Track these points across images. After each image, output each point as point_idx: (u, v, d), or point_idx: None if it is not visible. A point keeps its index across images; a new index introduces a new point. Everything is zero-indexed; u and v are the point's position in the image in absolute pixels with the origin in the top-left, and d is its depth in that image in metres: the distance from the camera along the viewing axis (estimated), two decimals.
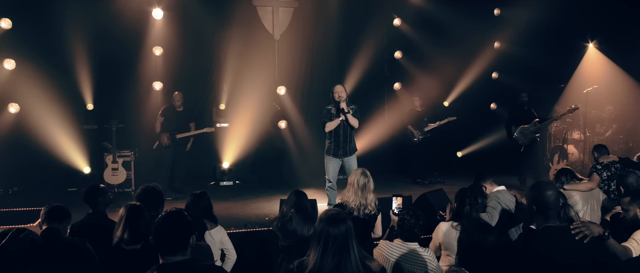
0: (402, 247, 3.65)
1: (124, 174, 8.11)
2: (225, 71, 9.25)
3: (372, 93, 10.19)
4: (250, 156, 9.48)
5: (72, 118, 8.43)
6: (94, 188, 4.28)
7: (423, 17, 10.01)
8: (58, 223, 3.53)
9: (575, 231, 2.97)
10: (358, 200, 4.57)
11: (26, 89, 8.11)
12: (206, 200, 4.40)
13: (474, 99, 10.35)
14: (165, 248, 2.48)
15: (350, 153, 6.66)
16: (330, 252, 2.73)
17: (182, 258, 2.47)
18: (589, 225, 3.03)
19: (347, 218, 2.85)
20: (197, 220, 4.19)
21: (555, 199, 3.01)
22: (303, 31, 9.82)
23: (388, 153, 10.09)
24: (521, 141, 8.75)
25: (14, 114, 8.17)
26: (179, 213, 2.54)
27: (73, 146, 8.38)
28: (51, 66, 8.22)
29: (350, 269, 2.72)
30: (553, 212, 3.01)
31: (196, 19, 9.00)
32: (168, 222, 2.47)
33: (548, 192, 3.01)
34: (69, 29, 8.19)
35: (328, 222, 2.79)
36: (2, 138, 8.09)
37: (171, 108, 8.20)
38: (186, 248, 2.49)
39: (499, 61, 10.52)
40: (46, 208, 3.61)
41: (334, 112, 6.59)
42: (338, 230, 2.76)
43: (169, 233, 2.45)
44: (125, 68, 8.69)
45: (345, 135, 6.55)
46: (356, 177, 4.63)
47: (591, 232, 2.98)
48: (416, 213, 3.67)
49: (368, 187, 4.60)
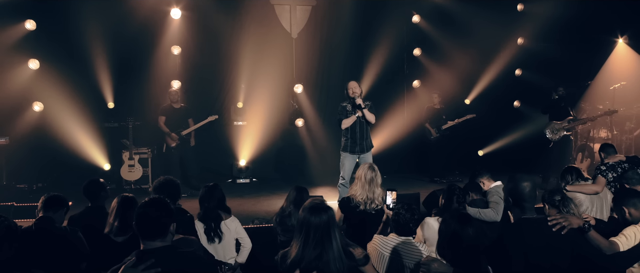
0: (397, 241, 3.60)
1: (140, 171, 8.26)
2: (243, 70, 9.32)
3: (391, 90, 10.08)
4: (267, 154, 9.53)
5: (93, 116, 8.67)
6: (95, 182, 4.37)
7: (443, 13, 9.86)
8: (53, 212, 3.62)
9: (553, 223, 2.86)
10: (365, 194, 4.59)
11: (50, 88, 8.38)
12: (219, 191, 4.45)
13: (495, 96, 10.12)
14: (144, 234, 2.51)
15: (367, 150, 6.62)
16: (312, 241, 2.74)
17: (162, 244, 2.49)
18: (568, 217, 2.92)
19: (329, 208, 2.85)
20: (212, 211, 4.30)
21: (531, 191, 2.94)
22: (321, 29, 9.82)
23: (406, 151, 9.98)
24: (550, 137, 8.48)
25: (38, 112, 8.44)
26: (160, 200, 2.57)
27: (94, 143, 8.62)
28: (73, 66, 8.48)
29: (332, 257, 2.72)
30: (529, 204, 2.93)
31: (214, 19, 9.11)
32: (148, 208, 2.50)
33: (523, 184, 2.93)
34: (90, 29, 8.42)
35: (310, 212, 2.79)
36: (27, 136, 8.37)
37: (169, 106, 8.29)
38: (166, 235, 2.51)
39: (522, 58, 10.26)
40: (43, 197, 3.71)
41: (349, 108, 6.56)
42: (319, 220, 2.76)
43: (148, 219, 2.48)
44: (144, 67, 8.86)
45: (362, 131, 6.52)
46: (363, 171, 4.64)
47: (570, 224, 2.86)
48: (411, 208, 3.62)
49: (375, 181, 4.61)
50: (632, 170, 4.52)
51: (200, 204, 4.32)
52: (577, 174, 5.20)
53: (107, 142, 8.71)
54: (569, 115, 8.40)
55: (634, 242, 3.32)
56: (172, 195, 4.01)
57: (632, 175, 4.37)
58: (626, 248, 3.30)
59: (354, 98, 6.41)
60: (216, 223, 4.25)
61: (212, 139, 9.25)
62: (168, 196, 3.74)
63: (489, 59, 10.09)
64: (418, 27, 10.08)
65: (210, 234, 4.19)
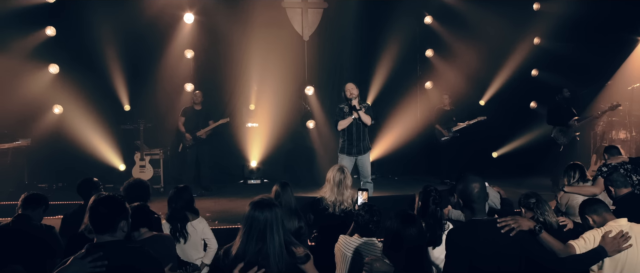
0: (359, 242, 3.65)
1: (151, 171, 8.51)
2: (255, 72, 9.47)
3: (404, 92, 10.02)
4: (278, 155, 9.67)
5: (109, 118, 8.99)
6: (88, 182, 4.57)
7: (455, 14, 9.75)
8: (31, 210, 3.82)
9: (502, 225, 2.82)
10: (334, 196, 4.64)
11: (69, 92, 8.72)
12: (188, 194, 4.58)
13: (510, 97, 9.94)
14: (95, 228, 2.66)
15: (364, 152, 6.66)
16: (254, 236, 2.79)
17: (111, 238, 2.63)
18: (519, 219, 2.87)
19: (275, 205, 2.89)
20: (179, 212, 4.42)
21: (479, 192, 2.90)
22: (332, 31, 9.87)
23: (418, 152, 9.93)
24: (561, 140, 8.32)
25: (58, 115, 8.81)
26: (111, 198, 2.71)
27: (110, 145, 8.92)
28: (90, 70, 8.81)
29: (271, 252, 2.76)
30: (479, 205, 2.89)
31: (226, 22, 9.30)
32: (98, 204, 2.65)
33: (472, 185, 2.90)
34: (106, 35, 8.73)
35: (255, 207, 2.85)
36: (47, 137, 8.74)
37: (190, 107, 8.51)
38: (115, 230, 2.64)
39: (537, 57, 10.03)
40: (23, 195, 3.91)
41: (346, 110, 6.64)
42: (263, 215, 2.81)
43: (98, 214, 2.62)
44: (157, 70, 9.11)
45: (359, 133, 6.58)
46: (333, 173, 4.70)
47: (519, 226, 2.82)
48: (372, 209, 3.65)
49: (344, 184, 4.65)
50: (617, 172, 4.38)
51: (168, 205, 4.45)
52: (580, 172, 5.10)
53: (122, 143, 9.01)
54: (573, 115, 8.22)
55: (592, 245, 3.28)
56: (140, 196, 4.19)
57: (617, 178, 4.25)
58: (583, 251, 3.26)
59: (351, 99, 6.45)
60: (182, 224, 4.36)
61: (225, 141, 9.42)
62: (137, 197, 3.91)
63: (502, 60, 9.91)
64: (430, 28, 10.01)
65: (176, 234, 4.30)
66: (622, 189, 4.21)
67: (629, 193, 4.21)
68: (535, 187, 7.80)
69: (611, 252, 3.21)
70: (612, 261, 3.27)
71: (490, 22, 9.60)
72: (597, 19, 9.33)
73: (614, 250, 3.21)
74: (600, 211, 3.46)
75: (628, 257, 3.27)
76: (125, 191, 4.35)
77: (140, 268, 2.61)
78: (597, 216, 3.46)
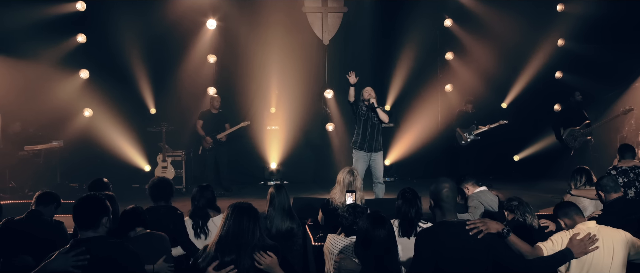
0: (345, 242, 3.76)
1: (173, 172, 8.84)
2: (275, 76, 9.68)
3: (424, 94, 10.04)
4: (298, 157, 9.85)
5: (136, 121, 9.38)
6: (98, 182, 4.86)
7: (475, 16, 9.73)
8: (43, 207, 4.12)
9: (470, 226, 2.89)
10: (343, 197, 4.76)
11: (98, 96, 9.17)
12: (210, 192, 4.82)
13: (532, 99, 9.82)
14: (78, 224, 2.90)
15: (375, 150, 6.94)
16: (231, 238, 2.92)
17: (94, 234, 2.85)
18: (487, 221, 2.94)
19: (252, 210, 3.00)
20: (201, 209, 4.68)
21: (448, 192, 2.98)
22: (352, 35, 9.99)
23: (438, 155, 9.92)
24: (571, 144, 8.19)
25: (88, 118, 9.26)
26: (93, 196, 2.93)
27: (137, 146, 9.31)
28: (118, 74, 9.21)
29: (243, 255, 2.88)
30: (448, 206, 2.97)
31: (247, 27, 9.58)
32: (80, 203, 2.87)
33: (442, 185, 3.00)
34: (132, 41, 9.12)
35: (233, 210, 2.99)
36: (78, 139, 9.18)
37: (208, 111, 8.79)
38: (97, 227, 2.85)
39: (561, 59, 9.87)
40: (37, 193, 4.21)
41: (364, 109, 6.94)
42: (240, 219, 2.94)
43: (80, 212, 2.85)
44: (181, 74, 9.46)
45: (373, 132, 6.90)
46: (343, 175, 4.87)
47: (487, 228, 2.88)
48: (355, 211, 3.77)
49: (354, 185, 4.80)
50: (608, 177, 4.33)
51: (191, 202, 4.70)
52: (586, 176, 5.06)
53: (148, 145, 9.37)
54: (585, 119, 8.06)
55: (559, 247, 3.30)
56: (163, 194, 4.53)
57: (607, 183, 4.19)
58: (551, 253, 3.29)
59: (369, 99, 6.78)
60: (204, 220, 4.59)
61: (246, 143, 9.67)
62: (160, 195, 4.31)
63: (524, 62, 9.81)
64: (450, 31, 9.99)
65: (197, 230, 4.54)
66: (612, 194, 4.16)
67: (618, 197, 4.16)
68: (556, 191, 7.71)
69: (577, 254, 3.24)
70: (578, 263, 3.29)
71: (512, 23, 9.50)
72: (623, 20, 9.12)
73: (581, 252, 3.24)
74: (571, 214, 3.48)
75: (594, 259, 3.28)
76: (149, 190, 4.60)
77: (119, 261, 2.81)
78: (568, 219, 3.48)
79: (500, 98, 10.02)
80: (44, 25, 8.67)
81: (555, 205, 3.67)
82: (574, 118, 8.21)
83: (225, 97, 9.48)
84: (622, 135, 9.31)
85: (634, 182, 5.16)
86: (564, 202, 3.67)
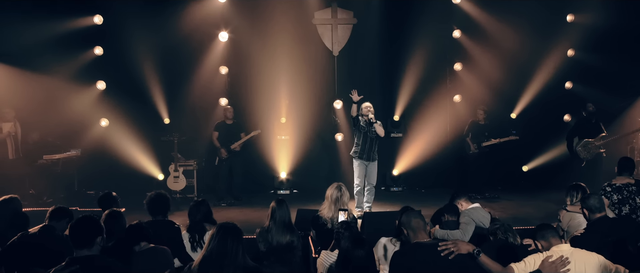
0: (335, 257, 3.90)
1: (184, 182, 9.07)
2: (286, 87, 9.88)
3: (433, 105, 10.12)
4: (307, 167, 10.03)
5: (150, 131, 9.65)
6: (107, 196, 5.09)
7: (484, 27, 9.79)
8: (56, 221, 4.35)
9: (442, 248, 3.02)
10: (331, 212, 4.92)
11: (114, 106, 9.48)
12: (206, 206, 5.00)
13: (542, 110, 9.83)
14: (74, 243, 3.11)
15: (372, 160, 7.60)
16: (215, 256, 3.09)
17: (88, 253, 3.06)
18: (458, 242, 3.06)
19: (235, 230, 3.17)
20: (197, 223, 4.85)
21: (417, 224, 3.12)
22: (362, 46, 10.13)
23: (448, 165, 9.99)
24: (583, 155, 8.18)
25: (105, 128, 9.57)
26: (87, 217, 3.15)
27: (150, 156, 9.58)
28: (134, 85, 9.50)
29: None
30: (419, 228, 3.10)
31: (258, 39, 9.78)
32: (76, 223, 3.09)
33: (410, 217, 3.14)
34: (146, 53, 9.40)
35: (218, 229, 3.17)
36: (95, 148, 9.49)
37: (222, 122, 9.01)
38: (91, 246, 3.07)
39: (571, 70, 9.88)
40: (50, 208, 4.45)
41: (363, 123, 7.53)
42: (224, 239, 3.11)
43: (76, 231, 3.06)
44: (193, 85, 9.71)
45: (371, 144, 7.58)
46: (331, 191, 5.00)
47: (458, 249, 3.00)
48: (350, 227, 3.91)
49: (341, 201, 4.93)
50: (594, 196, 4.37)
51: (188, 217, 4.89)
52: (582, 192, 5.11)
53: (161, 155, 9.62)
54: (601, 131, 8.04)
55: (531, 268, 3.38)
56: (160, 209, 4.75)
57: (593, 204, 4.24)
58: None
59: (367, 115, 7.43)
60: (200, 234, 4.77)
61: (257, 152, 9.87)
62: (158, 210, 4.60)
63: (534, 72, 9.84)
64: (459, 42, 10.07)
65: (193, 244, 4.73)
66: (596, 214, 4.23)
67: (601, 217, 4.22)
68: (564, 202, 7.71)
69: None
70: None
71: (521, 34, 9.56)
72: (633, 30, 9.10)
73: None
74: (547, 236, 3.56)
75: None
76: (147, 204, 4.82)
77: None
78: (544, 241, 3.57)
79: (510, 108, 10.05)
80: (62, 39, 8.98)
81: (535, 227, 3.77)
82: (591, 129, 8.19)
83: (236, 108, 9.66)
84: (632, 146, 9.29)
85: (628, 199, 5.20)
86: (542, 224, 3.75)
